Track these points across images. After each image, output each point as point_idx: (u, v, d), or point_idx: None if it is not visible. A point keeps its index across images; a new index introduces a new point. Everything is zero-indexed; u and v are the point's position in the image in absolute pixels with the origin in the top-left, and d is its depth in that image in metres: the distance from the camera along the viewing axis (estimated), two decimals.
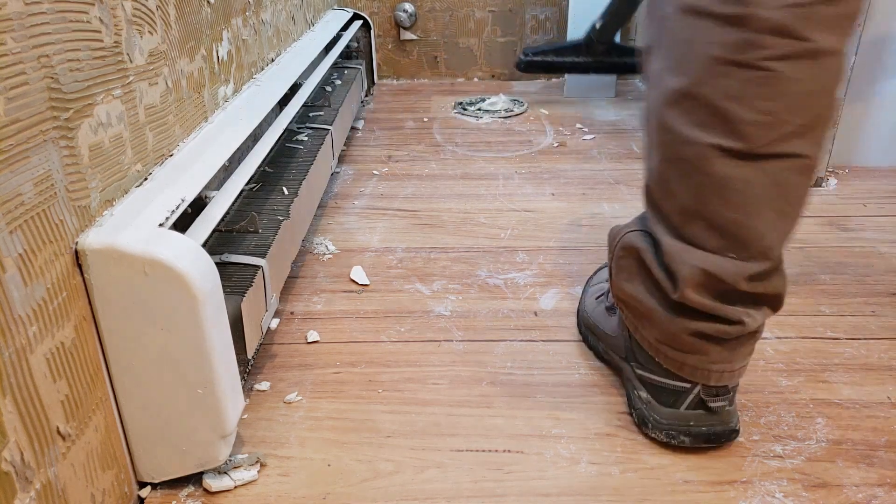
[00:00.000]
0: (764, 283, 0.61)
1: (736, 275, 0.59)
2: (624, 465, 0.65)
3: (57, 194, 0.49)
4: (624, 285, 0.68)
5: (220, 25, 0.86)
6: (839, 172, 1.34)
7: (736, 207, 0.58)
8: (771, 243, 0.59)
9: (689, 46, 0.56)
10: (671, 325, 0.63)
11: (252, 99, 0.91)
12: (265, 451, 0.67)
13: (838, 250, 1.05)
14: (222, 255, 0.73)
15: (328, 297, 0.94)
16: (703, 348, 0.62)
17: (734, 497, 0.61)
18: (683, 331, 0.62)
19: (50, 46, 0.47)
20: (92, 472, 0.54)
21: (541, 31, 2.03)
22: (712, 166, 0.57)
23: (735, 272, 0.59)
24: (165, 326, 0.54)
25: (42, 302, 0.47)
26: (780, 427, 0.70)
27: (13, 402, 0.44)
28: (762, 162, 0.56)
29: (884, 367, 0.78)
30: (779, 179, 0.57)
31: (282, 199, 0.89)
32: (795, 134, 0.55)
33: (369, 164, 1.43)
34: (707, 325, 0.61)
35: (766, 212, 0.58)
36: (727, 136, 0.56)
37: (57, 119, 0.49)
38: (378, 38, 2.05)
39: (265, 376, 0.78)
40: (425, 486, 0.63)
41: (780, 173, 0.57)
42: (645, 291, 0.66)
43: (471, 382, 0.77)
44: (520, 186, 1.30)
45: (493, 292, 0.95)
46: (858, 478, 0.63)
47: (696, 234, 0.60)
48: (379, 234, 1.12)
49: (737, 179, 0.57)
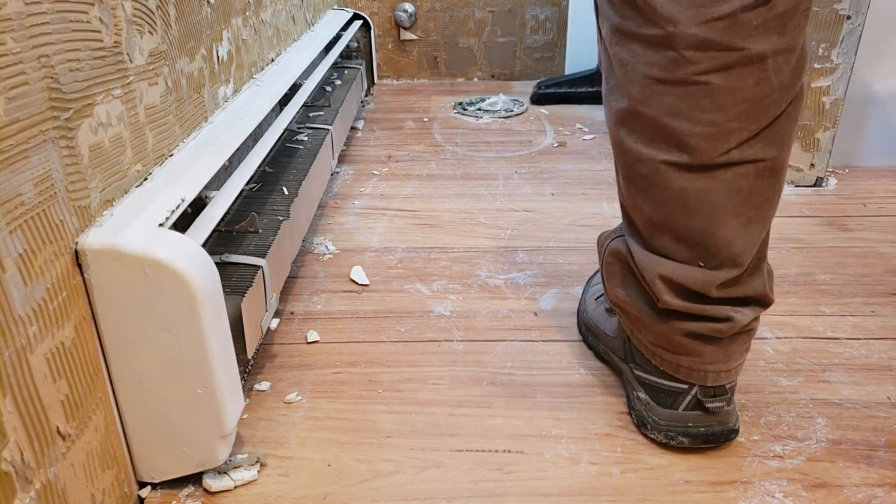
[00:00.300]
0: (737, 288, 0.61)
1: (705, 283, 0.59)
2: (624, 465, 0.65)
3: (57, 194, 0.49)
4: (616, 291, 0.68)
5: (220, 25, 0.86)
6: (839, 172, 1.34)
7: (698, 218, 0.58)
8: (740, 250, 0.59)
9: (626, 67, 0.57)
10: (663, 327, 0.63)
11: (252, 99, 0.91)
12: (265, 451, 0.67)
13: (838, 250, 1.05)
14: (222, 255, 0.73)
15: (328, 297, 0.94)
16: (696, 349, 0.63)
17: (734, 497, 0.61)
18: (675, 332, 0.63)
19: (50, 46, 0.47)
20: (92, 472, 0.54)
21: (541, 31, 2.03)
22: (668, 181, 0.58)
23: (704, 280, 0.59)
24: (165, 326, 0.54)
25: (42, 302, 0.47)
26: (780, 427, 0.70)
27: (13, 402, 0.44)
28: (716, 172, 0.56)
29: (884, 367, 0.78)
30: (738, 187, 0.57)
31: (282, 199, 0.89)
32: (749, 139, 0.55)
33: (369, 164, 1.43)
34: (697, 324, 0.61)
35: (729, 220, 0.58)
36: (676, 151, 0.56)
37: (57, 119, 0.49)
38: (378, 38, 2.05)
39: (265, 376, 0.78)
40: (425, 486, 0.63)
41: (737, 180, 0.57)
42: (635, 296, 0.66)
43: (471, 382, 0.77)
44: (520, 186, 1.30)
45: (493, 292, 0.95)
46: (858, 478, 0.63)
47: (663, 245, 0.61)
48: (379, 234, 1.12)
49: (694, 191, 0.57)
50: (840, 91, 1.20)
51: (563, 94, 1.79)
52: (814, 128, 1.23)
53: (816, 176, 1.27)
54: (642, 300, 0.65)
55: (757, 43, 0.52)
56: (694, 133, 0.55)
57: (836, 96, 1.20)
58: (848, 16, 1.14)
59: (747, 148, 0.55)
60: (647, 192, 0.60)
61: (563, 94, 1.79)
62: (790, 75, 0.54)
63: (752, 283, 0.61)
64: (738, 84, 0.53)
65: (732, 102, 0.53)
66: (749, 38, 0.51)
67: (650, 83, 0.55)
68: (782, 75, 0.54)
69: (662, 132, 0.56)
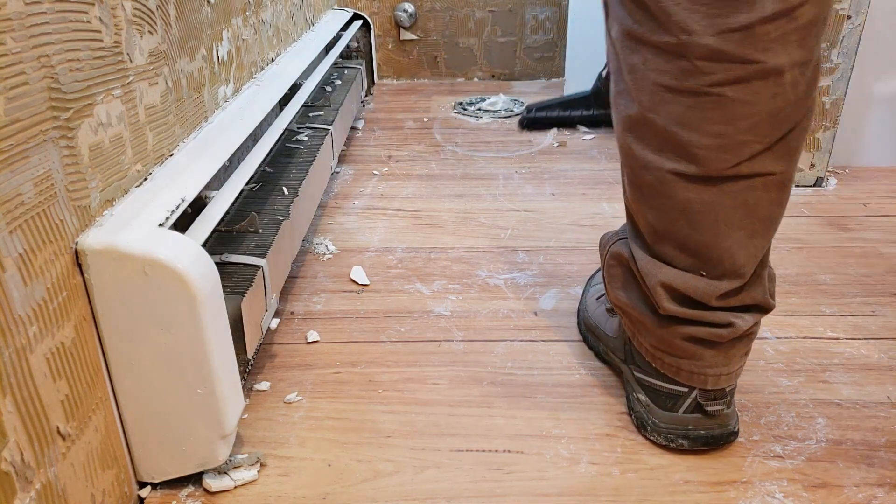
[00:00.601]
0: (738, 297, 0.60)
1: (706, 293, 0.59)
2: (624, 466, 0.65)
3: (57, 194, 0.49)
4: (617, 293, 0.68)
5: (220, 25, 0.86)
6: (839, 172, 1.34)
7: (702, 229, 0.57)
8: (742, 261, 0.58)
9: (637, 73, 0.55)
10: (664, 332, 0.63)
11: (252, 99, 0.91)
12: (265, 451, 0.67)
13: (838, 250, 1.05)
14: (222, 255, 0.73)
15: (328, 297, 0.94)
16: (697, 353, 0.62)
17: (734, 497, 0.61)
18: (676, 336, 0.63)
19: (50, 46, 0.47)
20: (92, 472, 0.54)
21: (541, 31, 2.03)
22: (673, 190, 0.57)
23: (705, 290, 0.59)
24: (165, 326, 0.54)
25: (42, 302, 0.47)
26: (781, 427, 0.70)
27: (13, 402, 0.44)
28: (724, 184, 0.55)
29: (884, 367, 0.78)
30: (744, 200, 0.56)
31: (282, 199, 0.89)
32: (761, 153, 0.54)
33: (369, 164, 1.43)
34: (697, 329, 0.61)
35: (733, 232, 0.57)
36: (683, 161, 0.55)
37: (57, 119, 0.49)
38: (378, 38, 2.05)
39: (265, 376, 0.78)
40: (425, 486, 0.63)
41: (744, 193, 0.56)
42: (636, 300, 0.66)
43: (471, 382, 0.77)
44: (520, 186, 1.30)
45: (493, 292, 0.95)
46: (858, 478, 0.63)
47: (666, 252, 0.61)
48: (379, 234, 1.12)
49: (699, 203, 0.56)
50: (840, 91, 1.20)
51: (556, 119, 1.63)
52: (814, 128, 1.23)
53: (816, 176, 1.27)
54: (643, 304, 0.65)
55: (775, 56, 0.50)
56: (703, 144, 0.54)
57: (836, 96, 1.20)
58: (848, 16, 1.14)
59: (757, 161, 0.54)
60: (651, 200, 0.59)
61: (555, 118, 1.63)
62: (805, 87, 0.53)
63: (753, 293, 0.61)
64: (753, 98, 0.51)
65: (745, 115, 0.52)
66: (767, 51, 0.50)
67: (660, 91, 0.54)
68: (798, 88, 0.52)
69: (671, 142, 0.55)
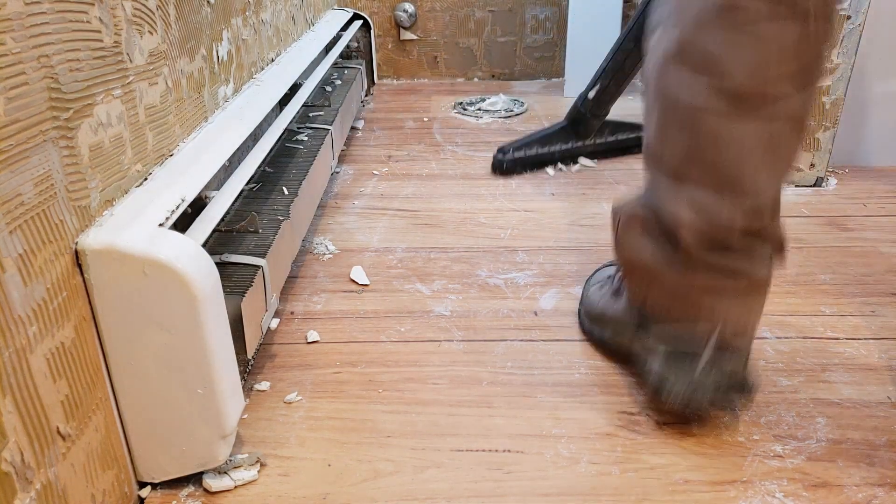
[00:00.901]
0: (761, 219, 0.63)
1: (730, 219, 0.62)
2: (624, 465, 0.65)
3: (57, 194, 0.49)
4: (632, 251, 0.70)
5: (220, 25, 0.86)
6: (839, 172, 1.34)
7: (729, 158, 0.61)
8: (764, 194, 0.62)
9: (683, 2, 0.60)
10: (679, 284, 0.65)
11: (252, 99, 0.91)
12: (265, 451, 0.67)
13: (838, 250, 1.05)
14: (222, 255, 0.73)
15: (328, 297, 0.94)
16: (713, 305, 0.64)
17: (734, 497, 0.61)
18: (692, 289, 0.65)
19: (50, 46, 0.47)
20: (92, 473, 0.54)
21: (541, 31, 2.03)
22: (706, 119, 0.60)
23: (729, 216, 0.62)
24: (165, 326, 0.54)
25: (42, 302, 0.47)
26: (781, 427, 0.70)
27: (13, 402, 0.44)
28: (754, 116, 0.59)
29: (884, 367, 0.78)
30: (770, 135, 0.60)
31: (282, 199, 0.89)
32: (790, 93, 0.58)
33: (369, 163, 1.43)
34: (714, 278, 0.64)
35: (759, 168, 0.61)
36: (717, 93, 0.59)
37: (57, 119, 0.49)
38: (378, 38, 2.05)
39: (265, 376, 0.78)
40: (425, 486, 0.63)
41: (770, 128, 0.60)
42: (651, 254, 0.68)
43: (471, 382, 0.77)
44: (520, 186, 1.30)
45: (493, 292, 0.95)
46: (859, 477, 0.63)
47: (691, 180, 0.63)
48: (379, 234, 1.12)
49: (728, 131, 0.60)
50: (840, 91, 1.20)
51: (535, 158, 1.38)
52: (814, 128, 1.23)
53: (816, 176, 1.27)
54: (658, 257, 0.67)
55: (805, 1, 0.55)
56: (738, 76, 0.58)
57: (836, 96, 1.20)
58: (848, 16, 1.14)
59: (786, 99, 0.58)
60: (682, 130, 0.62)
61: (534, 157, 1.38)
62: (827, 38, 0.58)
63: (774, 226, 0.64)
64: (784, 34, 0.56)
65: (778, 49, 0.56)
66: None
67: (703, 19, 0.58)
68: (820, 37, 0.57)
69: (709, 70, 0.59)
